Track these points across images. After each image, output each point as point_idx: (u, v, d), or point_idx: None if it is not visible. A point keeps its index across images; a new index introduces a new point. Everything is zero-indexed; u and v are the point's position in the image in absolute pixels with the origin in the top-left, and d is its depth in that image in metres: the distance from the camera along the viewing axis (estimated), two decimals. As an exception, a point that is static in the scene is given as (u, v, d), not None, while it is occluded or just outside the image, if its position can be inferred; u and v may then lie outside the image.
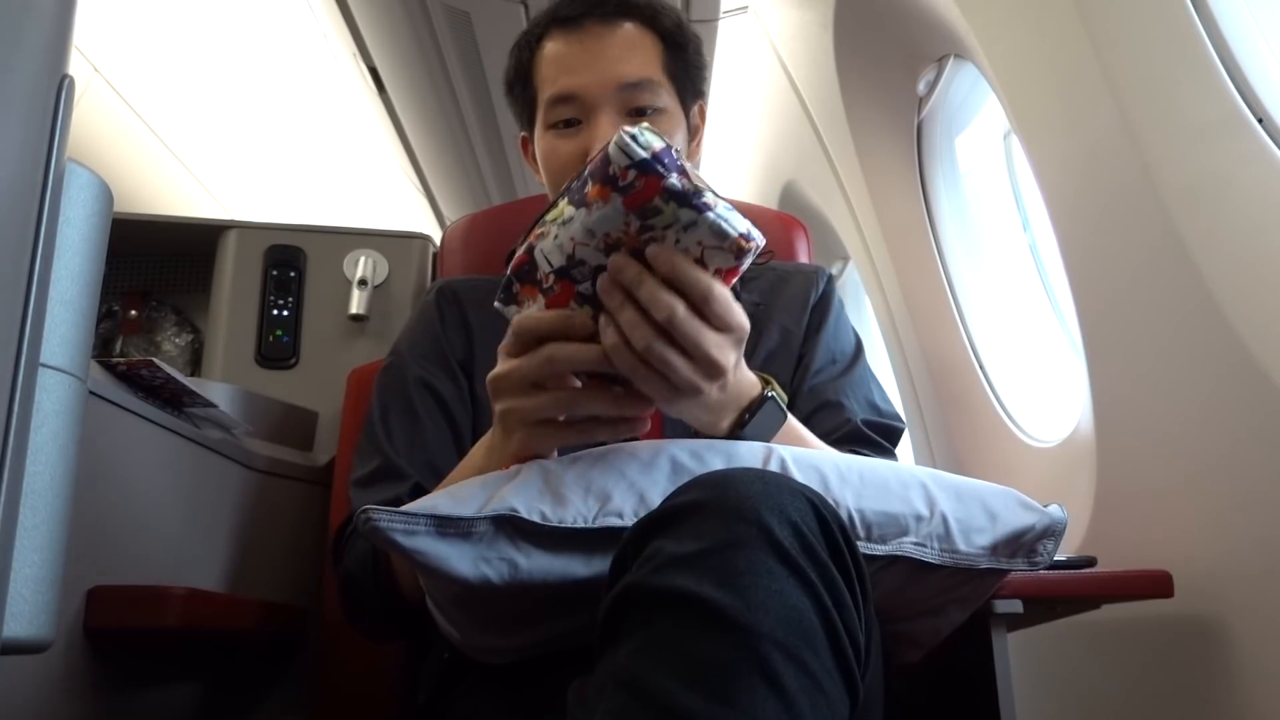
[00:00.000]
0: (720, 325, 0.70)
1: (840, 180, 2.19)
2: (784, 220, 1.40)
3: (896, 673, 0.84)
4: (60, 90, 0.49)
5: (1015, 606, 0.95)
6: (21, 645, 0.47)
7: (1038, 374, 1.81)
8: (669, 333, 0.68)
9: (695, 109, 1.09)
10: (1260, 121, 1.05)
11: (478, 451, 0.83)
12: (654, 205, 0.66)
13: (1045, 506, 0.81)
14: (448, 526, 0.67)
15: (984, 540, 0.77)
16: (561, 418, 0.73)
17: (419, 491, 0.92)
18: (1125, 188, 1.21)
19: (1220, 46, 1.08)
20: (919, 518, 0.75)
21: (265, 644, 1.22)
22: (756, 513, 0.58)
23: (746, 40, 2.38)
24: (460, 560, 0.67)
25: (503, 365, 0.73)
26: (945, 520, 0.75)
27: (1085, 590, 1.06)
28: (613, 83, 0.99)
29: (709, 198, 0.67)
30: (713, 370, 0.70)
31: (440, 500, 0.69)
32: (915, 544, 0.74)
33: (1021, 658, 1.10)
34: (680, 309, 0.67)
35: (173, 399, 1.08)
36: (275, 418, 1.37)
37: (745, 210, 0.72)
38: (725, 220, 0.66)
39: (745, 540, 0.57)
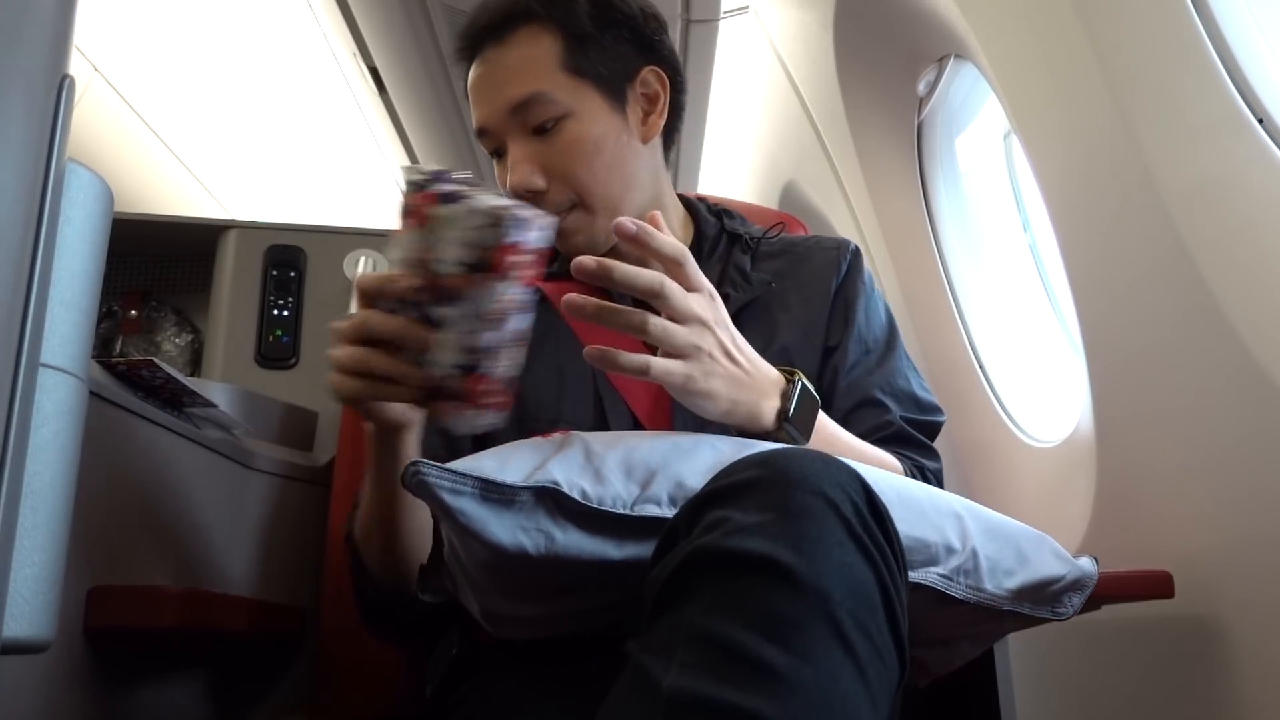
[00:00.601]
0: (691, 287, 0.77)
1: (840, 180, 2.19)
2: (784, 220, 1.40)
3: None
4: (60, 90, 0.49)
5: (1015, 606, 0.95)
6: (21, 645, 0.47)
7: (1038, 374, 1.80)
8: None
9: (644, 76, 1.01)
10: (1261, 122, 1.05)
11: None
12: (431, 213, 0.71)
13: (1077, 559, 0.80)
14: (492, 491, 0.68)
15: (1011, 583, 0.77)
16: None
17: None
18: (1125, 188, 1.21)
19: (1220, 46, 1.07)
20: (950, 549, 0.74)
21: (265, 644, 1.22)
22: (820, 486, 0.59)
23: (747, 40, 2.38)
24: (499, 527, 0.68)
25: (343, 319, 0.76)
26: (975, 556, 0.75)
27: (1085, 590, 1.06)
28: (504, 110, 0.96)
29: (473, 190, 0.72)
30: (700, 320, 0.76)
31: (487, 463, 0.70)
32: (941, 575, 0.74)
33: (1021, 658, 1.10)
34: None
35: (173, 399, 1.07)
36: (275, 418, 1.37)
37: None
38: (482, 200, 0.71)
39: (813, 510, 0.58)
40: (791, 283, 1.05)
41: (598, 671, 0.69)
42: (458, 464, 0.68)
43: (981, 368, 1.87)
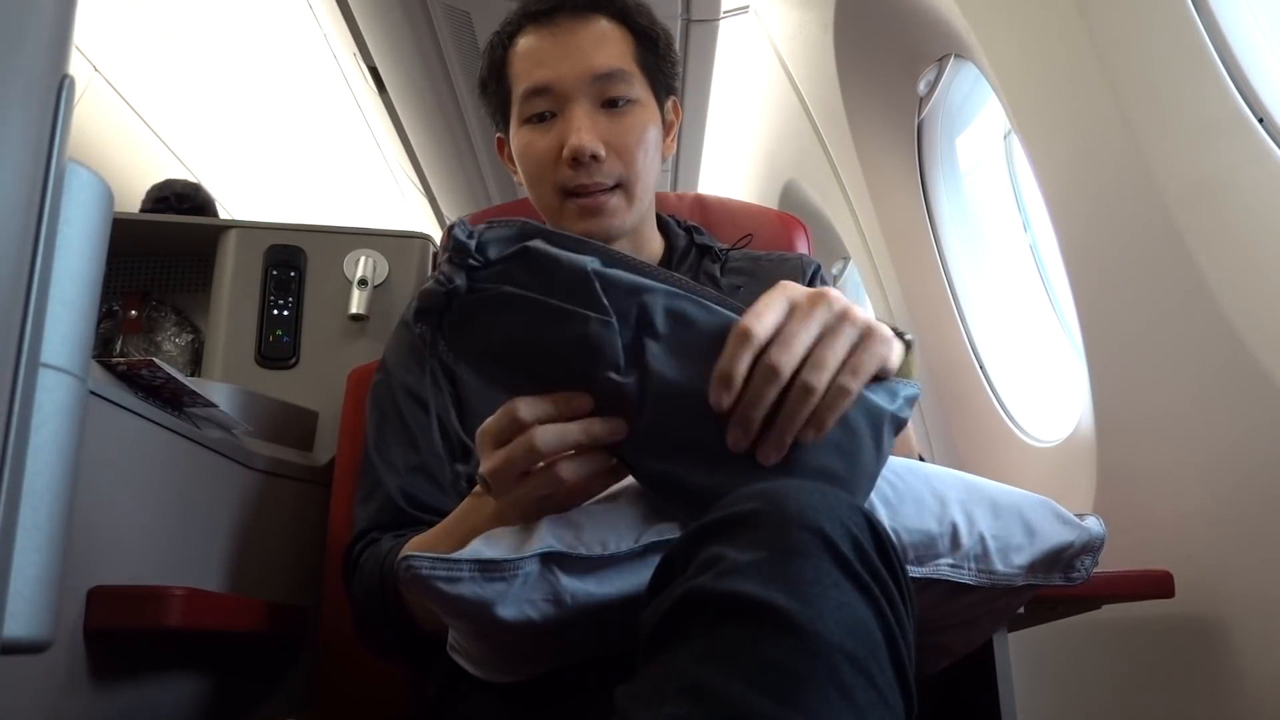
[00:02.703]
0: None
1: (840, 180, 2.19)
2: (784, 220, 1.40)
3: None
4: (60, 90, 0.48)
5: (1016, 606, 0.95)
6: (21, 645, 0.47)
7: (1038, 374, 1.81)
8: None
9: (669, 104, 1.10)
10: (1261, 121, 1.05)
11: (466, 517, 0.82)
12: None
13: (1082, 519, 0.80)
14: (491, 570, 0.66)
15: (1021, 559, 0.76)
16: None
17: (404, 516, 0.96)
18: (1125, 187, 1.21)
19: (1221, 46, 1.08)
20: (956, 537, 0.74)
21: (265, 644, 1.22)
22: (817, 523, 0.57)
23: (747, 40, 2.38)
24: (503, 605, 0.66)
25: (491, 459, 0.69)
26: (983, 540, 0.75)
27: (1086, 590, 1.04)
28: (586, 74, 1.01)
29: None
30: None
31: (477, 545, 0.68)
32: (952, 565, 0.73)
33: (1022, 657, 1.10)
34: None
35: (173, 399, 1.07)
36: (275, 418, 1.37)
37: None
38: None
39: (809, 550, 0.56)
40: (760, 290, 1.08)
41: (598, 668, 0.69)
42: (454, 553, 0.67)
43: (981, 368, 1.88)
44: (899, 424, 0.70)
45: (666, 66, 1.08)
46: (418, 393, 1.03)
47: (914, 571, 0.72)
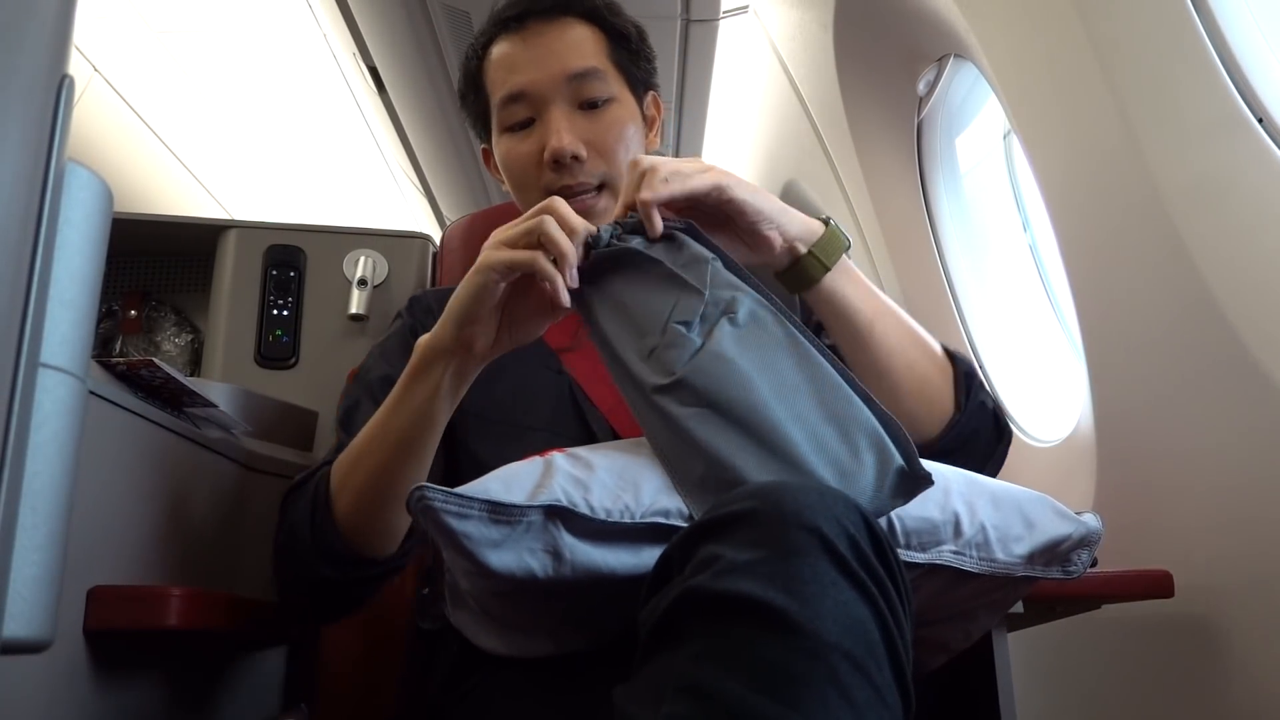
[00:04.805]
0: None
1: (840, 180, 2.19)
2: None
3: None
4: (60, 90, 0.48)
5: (1016, 606, 0.95)
6: (21, 645, 0.46)
7: (1037, 373, 1.80)
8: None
9: (648, 100, 1.10)
10: (1260, 121, 1.05)
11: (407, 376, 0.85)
12: None
13: (1080, 515, 0.81)
14: (499, 514, 0.67)
15: (1021, 549, 0.77)
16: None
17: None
18: (1125, 188, 1.21)
19: (1220, 46, 1.08)
20: (958, 525, 0.74)
21: (266, 644, 1.22)
22: (814, 522, 0.58)
23: (746, 40, 2.38)
24: (505, 551, 0.67)
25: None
26: (984, 528, 0.75)
27: (1085, 590, 1.06)
28: (560, 75, 1.01)
29: None
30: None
31: (492, 485, 0.69)
32: (954, 552, 0.74)
33: (1022, 658, 1.10)
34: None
35: (173, 399, 1.07)
36: (275, 418, 1.37)
37: None
38: None
39: (805, 549, 0.57)
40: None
41: (597, 664, 0.69)
42: (463, 488, 0.68)
43: (981, 368, 1.87)
44: None
45: (641, 62, 1.08)
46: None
47: (916, 558, 0.73)
